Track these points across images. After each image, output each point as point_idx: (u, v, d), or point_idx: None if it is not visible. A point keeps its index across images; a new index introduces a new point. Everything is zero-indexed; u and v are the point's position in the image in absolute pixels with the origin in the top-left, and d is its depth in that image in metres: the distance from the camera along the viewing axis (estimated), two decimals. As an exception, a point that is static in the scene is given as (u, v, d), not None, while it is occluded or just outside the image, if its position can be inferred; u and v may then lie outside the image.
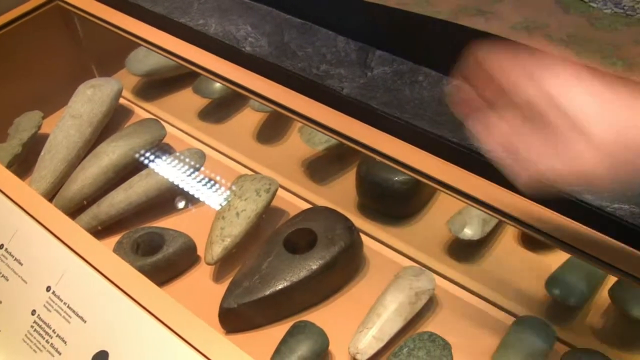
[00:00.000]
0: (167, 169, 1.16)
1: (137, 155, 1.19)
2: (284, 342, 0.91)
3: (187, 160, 1.17)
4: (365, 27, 1.00)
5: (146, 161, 1.20)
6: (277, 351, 0.90)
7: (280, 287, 0.96)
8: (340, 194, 1.17)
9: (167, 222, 1.14)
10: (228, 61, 1.06)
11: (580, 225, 0.79)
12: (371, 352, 0.89)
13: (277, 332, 0.95)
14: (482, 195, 0.84)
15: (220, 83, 1.07)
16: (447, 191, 0.87)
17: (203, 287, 1.04)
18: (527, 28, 0.83)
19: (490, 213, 0.85)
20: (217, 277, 1.05)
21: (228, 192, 1.09)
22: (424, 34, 0.94)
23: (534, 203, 0.82)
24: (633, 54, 0.77)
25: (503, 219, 0.84)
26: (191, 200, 1.17)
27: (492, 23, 0.86)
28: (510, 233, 1.09)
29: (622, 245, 0.77)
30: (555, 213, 0.81)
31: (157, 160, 1.20)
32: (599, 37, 0.80)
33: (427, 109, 0.90)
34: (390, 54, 0.99)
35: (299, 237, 1.03)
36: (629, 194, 0.77)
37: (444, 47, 0.93)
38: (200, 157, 1.18)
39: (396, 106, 0.91)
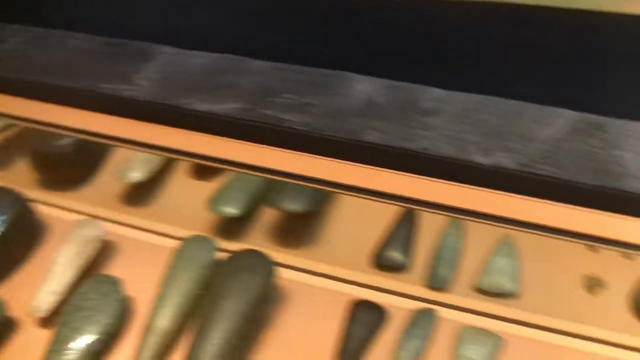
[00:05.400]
0: None
1: None
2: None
3: None
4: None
5: None
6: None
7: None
8: (14, 172, 1.19)
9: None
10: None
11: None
12: (47, 306, 0.91)
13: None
14: (138, 137, 0.89)
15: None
16: (113, 143, 0.91)
17: None
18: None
19: (154, 152, 0.90)
20: None
21: None
22: None
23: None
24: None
25: (165, 154, 0.89)
26: None
27: None
28: (183, 169, 1.17)
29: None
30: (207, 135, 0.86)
31: None
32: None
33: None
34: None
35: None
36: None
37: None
38: None
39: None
